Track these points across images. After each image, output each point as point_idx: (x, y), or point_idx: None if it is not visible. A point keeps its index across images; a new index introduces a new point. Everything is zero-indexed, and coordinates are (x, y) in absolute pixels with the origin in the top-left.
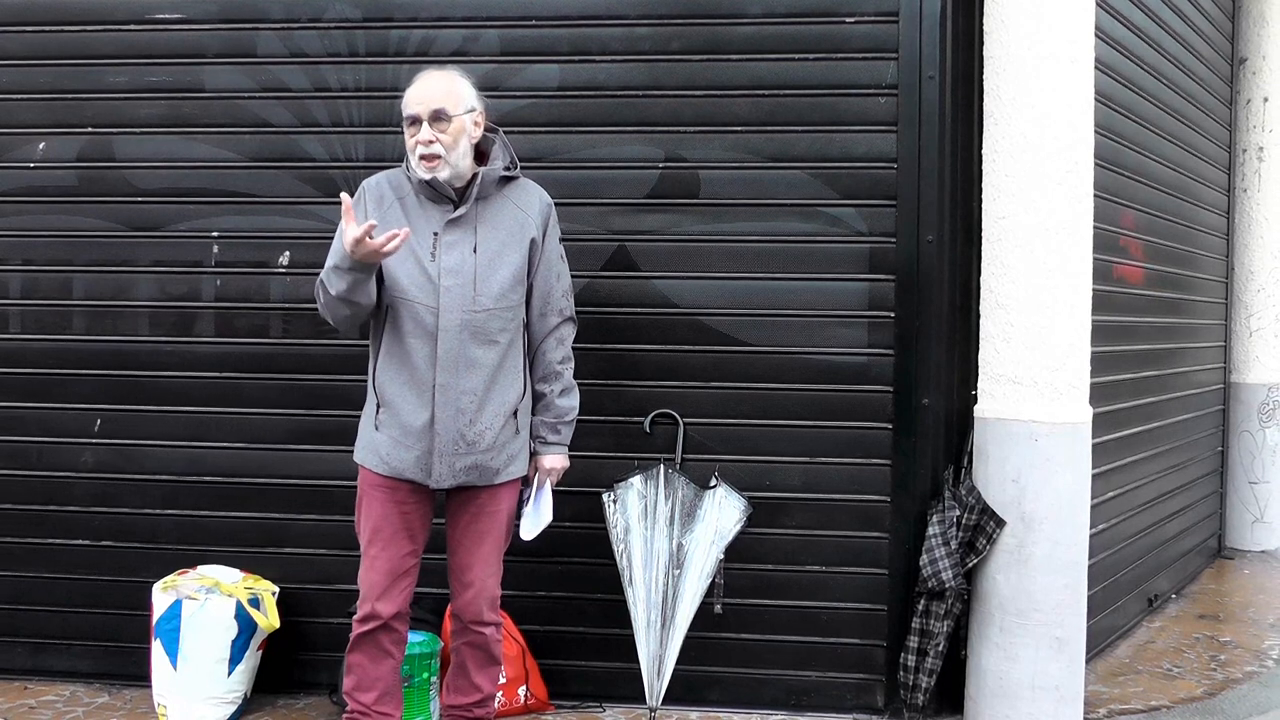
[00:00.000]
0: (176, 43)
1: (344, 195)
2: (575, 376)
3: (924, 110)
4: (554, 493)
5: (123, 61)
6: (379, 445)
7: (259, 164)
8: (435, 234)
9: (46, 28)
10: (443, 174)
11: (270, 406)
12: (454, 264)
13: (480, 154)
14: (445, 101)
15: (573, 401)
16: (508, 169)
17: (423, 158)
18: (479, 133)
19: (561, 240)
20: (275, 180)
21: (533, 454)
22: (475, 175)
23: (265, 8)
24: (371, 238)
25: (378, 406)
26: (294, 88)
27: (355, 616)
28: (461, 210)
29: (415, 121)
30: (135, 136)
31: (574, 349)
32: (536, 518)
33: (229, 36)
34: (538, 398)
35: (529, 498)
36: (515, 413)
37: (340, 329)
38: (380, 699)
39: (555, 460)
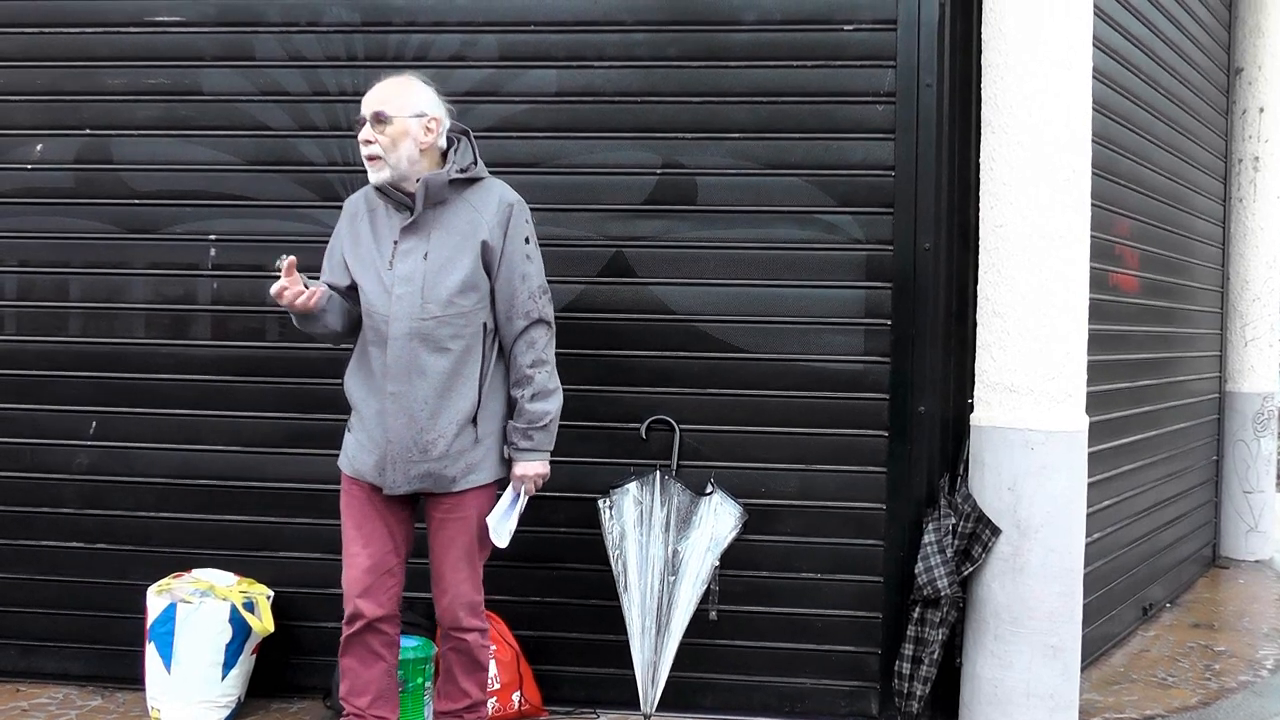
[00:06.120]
0: (174, 45)
1: (284, 258)
2: (571, 381)
3: (921, 117)
4: (548, 498)
5: (120, 64)
6: (349, 447)
7: (256, 167)
8: (395, 242)
9: (44, 29)
10: (382, 175)
11: (264, 410)
12: (407, 271)
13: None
14: (386, 104)
15: (547, 406)
16: (463, 171)
17: (366, 158)
18: (431, 139)
19: (556, 245)
20: (272, 183)
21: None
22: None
23: (263, 11)
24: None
25: (352, 410)
26: (292, 91)
27: (343, 618)
28: (413, 216)
29: (363, 123)
30: (132, 138)
31: (569, 354)
32: (504, 524)
33: (227, 39)
34: (513, 403)
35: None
36: (475, 420)
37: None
38: (375, 702)
39: (528, 467)
